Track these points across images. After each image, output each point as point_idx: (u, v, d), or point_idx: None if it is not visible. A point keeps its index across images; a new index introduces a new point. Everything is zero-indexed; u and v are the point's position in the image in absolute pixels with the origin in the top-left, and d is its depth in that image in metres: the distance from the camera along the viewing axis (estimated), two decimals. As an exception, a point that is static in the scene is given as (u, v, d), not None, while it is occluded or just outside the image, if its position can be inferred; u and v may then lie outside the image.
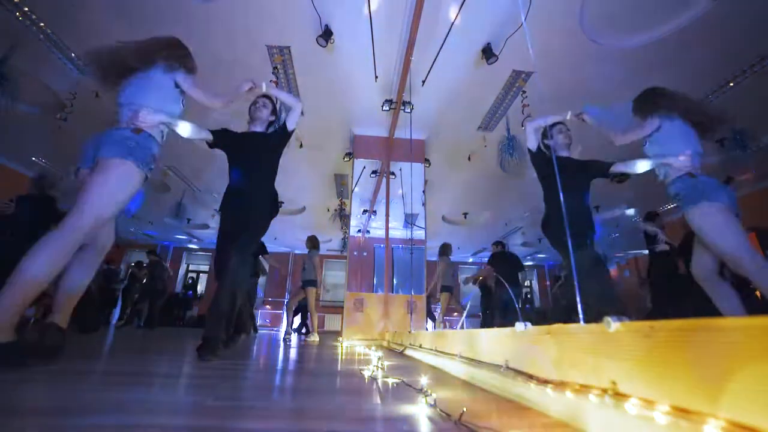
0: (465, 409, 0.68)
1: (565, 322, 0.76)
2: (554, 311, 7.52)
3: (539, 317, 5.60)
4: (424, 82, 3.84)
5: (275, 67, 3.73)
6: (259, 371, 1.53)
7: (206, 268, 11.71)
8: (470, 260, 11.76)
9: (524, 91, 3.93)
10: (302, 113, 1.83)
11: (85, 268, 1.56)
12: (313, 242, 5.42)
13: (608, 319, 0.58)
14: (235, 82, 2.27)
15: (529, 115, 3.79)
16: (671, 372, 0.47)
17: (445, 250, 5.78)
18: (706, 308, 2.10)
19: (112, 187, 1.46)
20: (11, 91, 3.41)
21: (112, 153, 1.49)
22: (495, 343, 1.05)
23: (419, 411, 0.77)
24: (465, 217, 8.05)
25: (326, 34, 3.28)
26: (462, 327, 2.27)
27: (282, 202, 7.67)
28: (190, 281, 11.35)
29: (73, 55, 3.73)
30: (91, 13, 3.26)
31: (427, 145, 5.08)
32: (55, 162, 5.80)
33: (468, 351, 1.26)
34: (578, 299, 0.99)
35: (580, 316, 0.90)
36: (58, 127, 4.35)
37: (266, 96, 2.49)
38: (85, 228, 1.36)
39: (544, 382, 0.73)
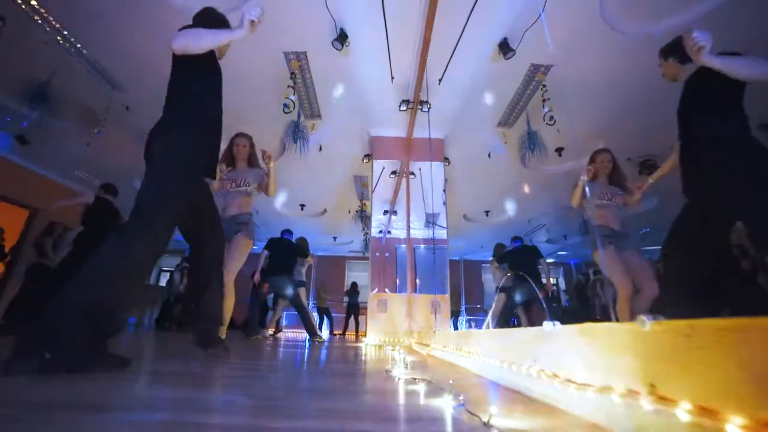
0: (494, 410, 0.67)
1: (596, 321, 0.74)
2: (582, 310, 7.28)
3: (568, 316, 5.42)
4: (440, 80, 3.82)
5: (293, 73, 3.80)
6: (286, 371, 1.56)
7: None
8: (491, 257, 11.57)
9: (544, 85, 3.83)
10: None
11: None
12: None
13: (642, 317, 0.56)
14: (254, 90, 2.28)
15: (550, 113, 3.70)
16: (714, 374, 0.44)
17: (497, 250, 5.62)
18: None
19: None
20: (53, 110, 3.66)
21: None
22: (523, 342, 1.03)
23: (447, 411, 0.76)
24: (487, 215, 7.93)
25: (341, 38, 3.32)
26: (488, 327, 2.23)
27: (303, 205, 7.81)
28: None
29: (104, 69, 3.92)
30: (120, 30, 3.43)
31: (446, 144, 5.04)
32: (96, 174, 6.12)
33: (494, 351, 1.24)
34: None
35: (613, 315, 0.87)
36: (91, 140, 4.61)
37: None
38: None
39: (576, 383, 0.71)
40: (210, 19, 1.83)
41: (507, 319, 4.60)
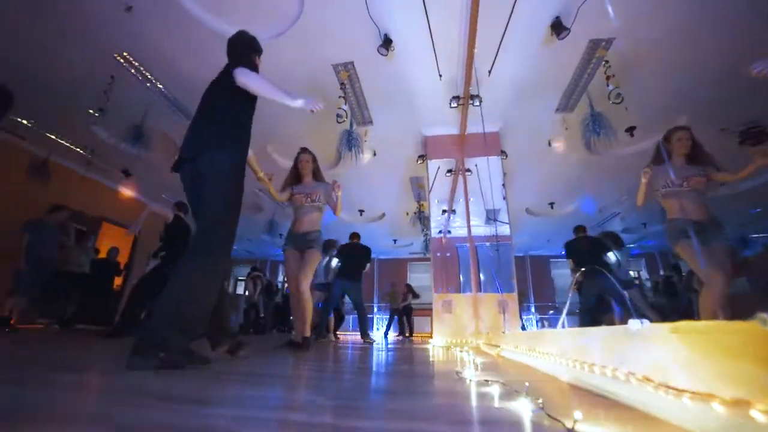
0: (578, 415, 0.63)
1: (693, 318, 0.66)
2: (672, 306, 6.45)
3: (657, 313, 4.82)
4: (490, 71, 3.69)
5: (342, 83, 3.94)
6: (355, 373, 1.62)
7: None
8: (564, 253, 10.80)
9: (606, 61, 3.50)
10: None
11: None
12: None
13: (764, 315, 0.48)
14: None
15: (616, 90, 3.37)
16: None
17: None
18: None
19: None
20: (147, 144, 4.30)
21: None
22: (605, 343, 0.95)
23: (524, 415, 0.73)
24: (551, 208, 7.44)
25: (386, 43, 3.36)
26: (563, 326, 2.07)
27: (362, 211, 8.02)
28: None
29: (179, 103, 4.44)
30: (191, 68, 3.86)
31: (502, 136, 4.84)
32: (179, 195, 6.95)
33: (572, 352, 1.16)
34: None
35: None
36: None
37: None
38: None
39: (671, 388, 0.64)
40: (246, 45, 2.00)
41: (593, 317, 4.25)
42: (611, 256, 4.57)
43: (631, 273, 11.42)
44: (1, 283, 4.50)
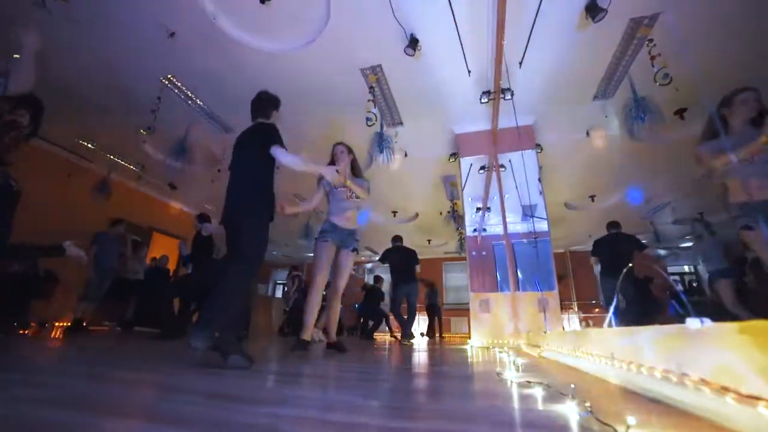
0: (632, 420, 0.59)
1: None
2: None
3: (715, 311, 4.40)
4: (521, 63, 3.57)
5: (371, 87, 3.97)
6: (396, 373, 1.63)
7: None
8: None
9: (650, 40, 3.25)
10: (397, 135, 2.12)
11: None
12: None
13: None
14: (337, 109, 2.43)
15: (663, 70, 3.12)
16: None
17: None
18: None
19: None
20: (189, 158, 4.60)
21: None
22: (659, 343, 0.89)
23: (571, 418, 0.71)
24: (592, 201, 7.06)
25: (413, 43, 3.36)
26: (610, 325, 1.95)
27: (395, 212, 8.05)
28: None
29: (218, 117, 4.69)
30: (227, 83, 4.07)
31: (537, 129, 4.67)
32: (220, 205, 7.37)
33: (621, 352, 1.10)
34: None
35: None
36: (214, 178, 5.57)
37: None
38: None
39: (737, 393, 0.59)
40: (269, 104, 2.30)
41: (635, 317, 3.99)
42: (661, 252, 4.27)
43: (686, 268, 10.57)
44: (75, 290, 4.98)
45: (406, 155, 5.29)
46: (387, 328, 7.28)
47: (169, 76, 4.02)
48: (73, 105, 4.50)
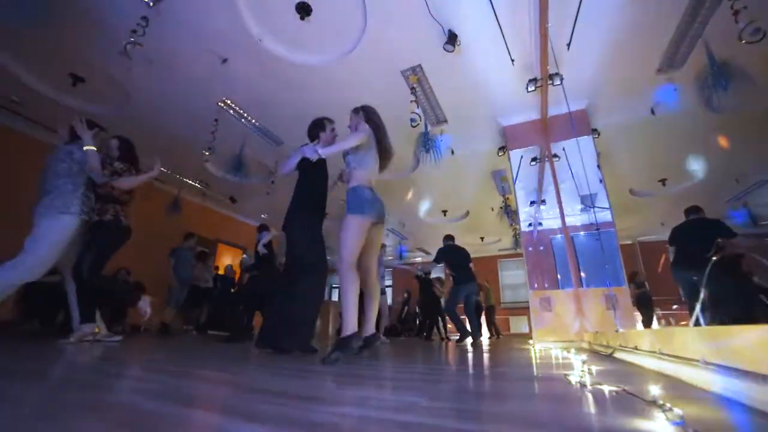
0: None
1: None
2: None
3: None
4: (569, 45, 3.35)
5: (413, 88, 3.97)
6: (457, 374, 1.60)
7: (390, 282, 12.85)
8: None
9: (731, -8, 2.83)
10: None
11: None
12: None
13: None
14: (381, 113, 2.45)
15: (752, 25, 2.70)
16: None
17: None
18: None
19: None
20: (246, 171, 4.97)
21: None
22: (763, 345, 0.78)
23: (658, 428, 0.64)
24: (663, 185, 6.39)
25: (451, 39, 3.30)
26: (697, 323, 1.71)
27: (445, 211, 7.94)
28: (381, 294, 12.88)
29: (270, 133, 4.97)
30: (277, 99, 4.30)
31: (591, 114, 4.36)
32: (275, 216, 7.80)
33: (713, 355, 0.98)
34: None
35: None
36: (270, 190, 5.90)
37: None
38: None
39: None
40: (314, 128, 2.68)
41: (732, 314, 3.52)
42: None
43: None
44: (159, 298, 5.63)
45: (453, 153, 5.20)
46: (436, 330, 6.92)
47: (224, 98, 4.35)
48: (147, 133, 5.06)
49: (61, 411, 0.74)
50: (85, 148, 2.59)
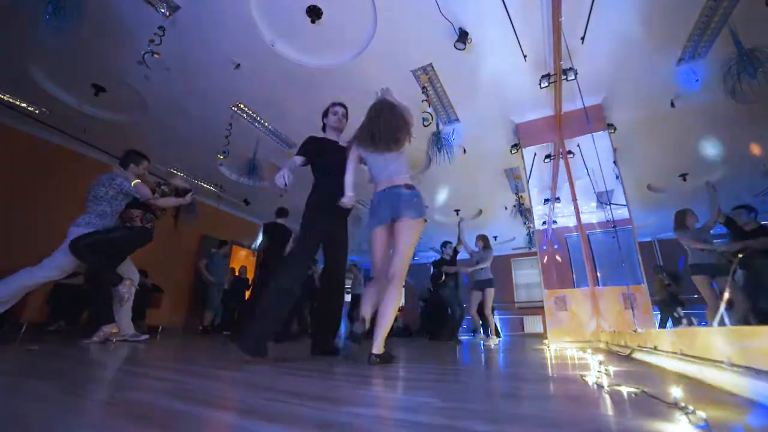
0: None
1: None
2: None
3: None
4: (583, 38, 3.28)
5: (424, 87, 3.95)
6: (473, 375, 1.59)
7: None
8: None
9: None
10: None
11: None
12: (485, 241, 5.48)
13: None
14: None
15: None
16: None
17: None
18: None
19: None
20: (259, 175, 5.04)
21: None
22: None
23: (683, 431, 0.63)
24: (684, 180, 6.20)
25: (462, 36, 3.27)
26: (722, 322, 1.65)
27: (458, 210, 7.88)
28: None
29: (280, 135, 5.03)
30: (288, 103, 4.35)
31: (607, 108, 4.26)
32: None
33: (739, 356, 0.95)
34: None
35: None
36: (284, 192, 5.95)
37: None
38: None
39: None
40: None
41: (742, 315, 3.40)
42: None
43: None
44: (178, 300, 5.79)
45: (465, 152, 5.16)
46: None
47: (237, 103, 4.43)
48: (163, 137, 5.18)
49: (84, 407, 0.77)
50: (132, 183, 3.07)
